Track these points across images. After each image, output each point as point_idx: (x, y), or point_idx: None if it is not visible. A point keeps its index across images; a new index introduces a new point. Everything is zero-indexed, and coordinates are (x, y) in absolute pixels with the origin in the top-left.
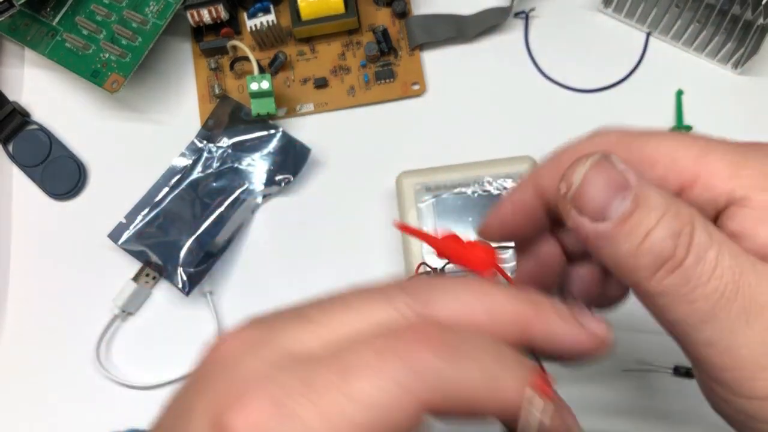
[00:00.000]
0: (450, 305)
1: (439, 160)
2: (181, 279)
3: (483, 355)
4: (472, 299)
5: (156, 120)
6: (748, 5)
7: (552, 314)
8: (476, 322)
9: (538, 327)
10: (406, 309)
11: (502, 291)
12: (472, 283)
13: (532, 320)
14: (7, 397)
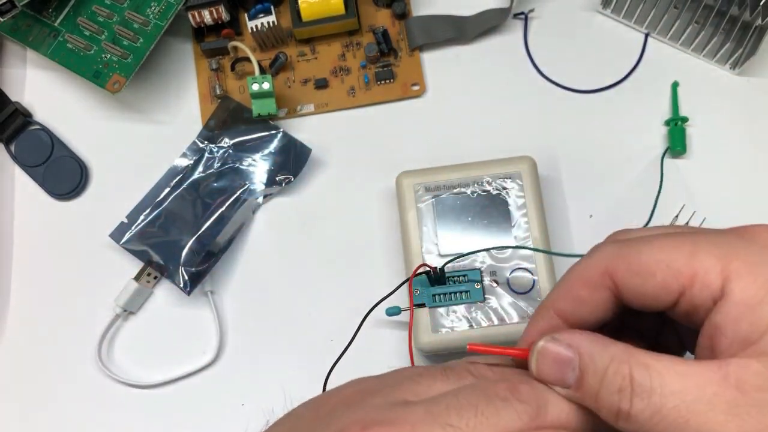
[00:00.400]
0: (562, 415)
1: (439, 160)
2: (183, 278)
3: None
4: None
5: (157, 120)
6: (747, 6)
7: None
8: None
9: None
10: (528, 419)
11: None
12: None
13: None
14: (8, 396)
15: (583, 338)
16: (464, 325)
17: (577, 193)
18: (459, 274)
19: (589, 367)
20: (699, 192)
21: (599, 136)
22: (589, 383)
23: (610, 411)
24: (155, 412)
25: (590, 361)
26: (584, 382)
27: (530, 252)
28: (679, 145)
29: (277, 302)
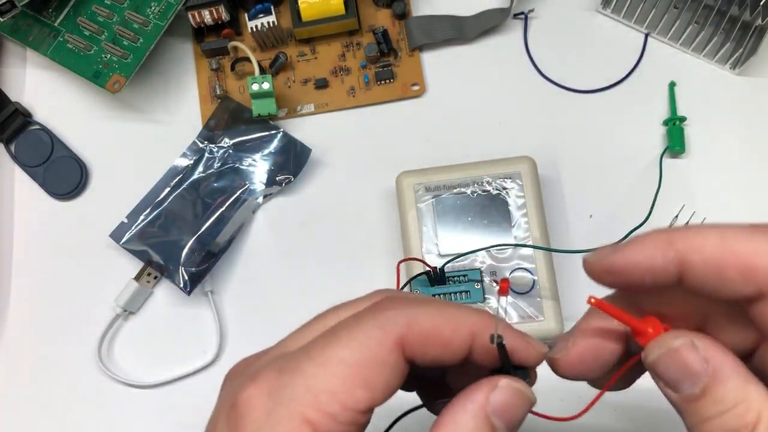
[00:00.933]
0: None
1: (438, 160)
2: (183, 278)
3: (440, 303)
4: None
5: (157, 120)
6: (747, 6)
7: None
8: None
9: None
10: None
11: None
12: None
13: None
14: (9, 395)
15: (725, 360)
16: None
17: (577, 193)
18: (459, 274)
19: (715, 394)
20: (699, 192)
21: (599, 136)
22: (705, 407)
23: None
24: (155, 412)
25: (720, 389)
26: (700, 403)
27: (530, 252)
28: (678, 145)
29: (277, 302)
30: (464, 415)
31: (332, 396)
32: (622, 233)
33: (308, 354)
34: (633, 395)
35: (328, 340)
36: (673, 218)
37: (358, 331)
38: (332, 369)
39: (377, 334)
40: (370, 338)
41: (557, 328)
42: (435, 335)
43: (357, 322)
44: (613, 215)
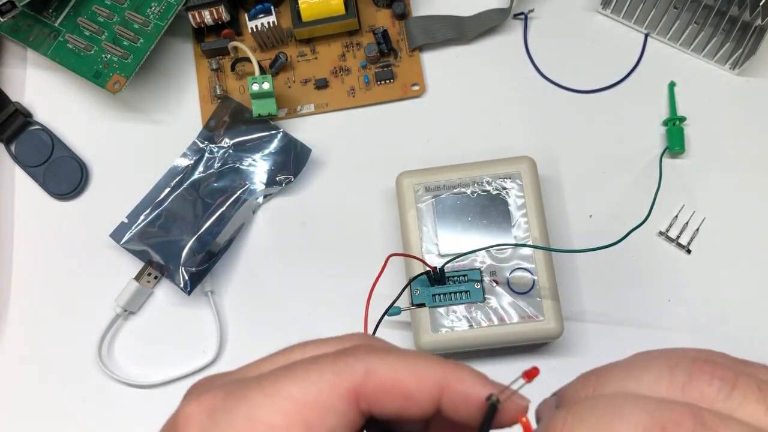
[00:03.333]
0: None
1: (438, 160)
2: (183, 278)
3: (406, 354)
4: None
5: (157, 120)
6: (746, 6)
7: (469, 372)
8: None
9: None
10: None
11: (427, 358)
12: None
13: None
14: (9, 395)
15: None
16: (464, 324)
17: (577, 193)
18: (459, 274)
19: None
20: (698, 192)
21: (599, 136)
22: None
23: None
24: (155, 412)
25: None
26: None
27: (530, 252)
28: (678, 145)
29: (277, 302)
30: None
31: (269, 429)
32: (622, 233)
33: (260, 383)
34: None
35: (283, 373)
36: (673, 218)
37: (313, 371)
38: (278, 403)
39: (331, 378)
40: (322, 380)
41: (557, 327)
42: (395, 387)
43: (315, 363)
44: (613, 215)
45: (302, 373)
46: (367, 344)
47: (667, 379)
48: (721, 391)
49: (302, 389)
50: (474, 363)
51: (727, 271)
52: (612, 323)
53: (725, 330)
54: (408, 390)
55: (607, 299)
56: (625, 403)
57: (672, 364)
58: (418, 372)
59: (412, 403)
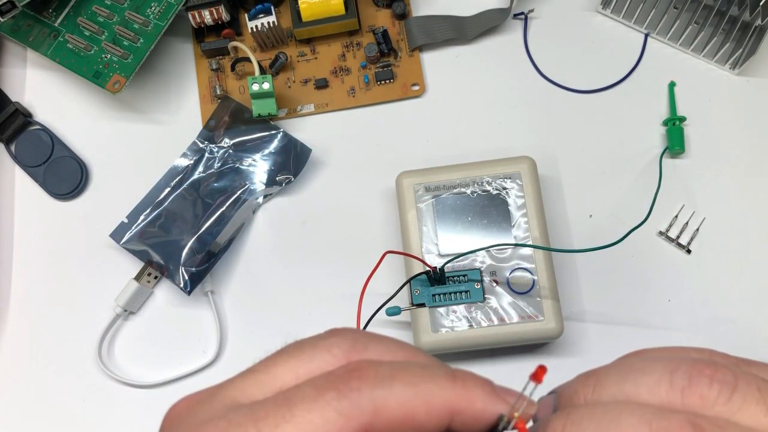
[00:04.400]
0: (381, 353)
1: (438, 160)
2: (183, 278)
3: (412, 377)
4: (395, 354)
5: (157, 120)
6: (746, 6)
7: (478, 390)
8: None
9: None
10: (342, 354)
11: (431, 369)
12: (404, 344)
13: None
14: (9, 395)
15: None
16: (464, 324)
17: (577, 193)
18: (459, 274)
19: None
20: (698, 192)
21: (599, 136)
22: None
23: None
24: (155, 412)
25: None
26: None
27: (530, 252)
28: (678, 145)
29: (277, 302)
30: None
31: None
32: (621, 233)
33: (258, 427)
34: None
35: (283, 416)
36: (673, 218)
37: (316, 413)
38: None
39: (338, 420)
40: (328, 423)
41: (557, 327)
42: (405, 421)
43: (316, 400)
44: (613, 215)
45: (304, 415)
46: (369, 366)
47: (667, 383)
48: (721, 394)
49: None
50: (474, 363)
51: (727, 271)
52: (612, 323)
53: (725, 330)
54: (419, 422)
55: (607, 299)
56: (623, 412)
57: (671, 368)
58: (427, 401)
59: (423, 430)
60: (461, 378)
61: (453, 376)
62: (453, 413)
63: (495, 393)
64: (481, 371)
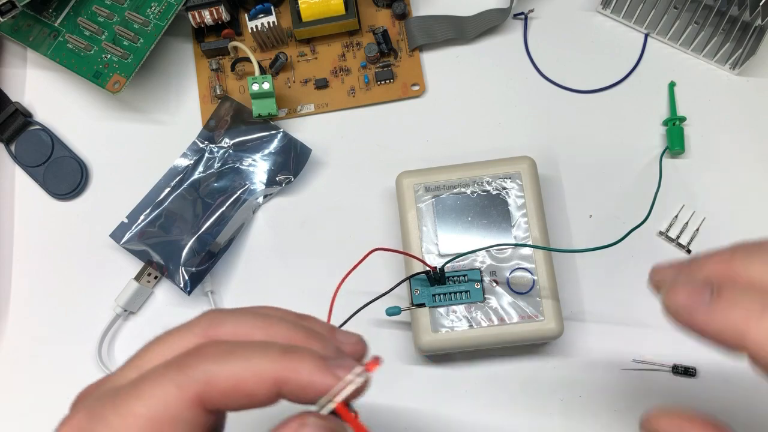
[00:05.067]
0: (231, 329)
1: (438, 160)
2: (183, 278)
3: (246, 353)
4: (251, 326)
5: (157, 120)
6: (746, 6)
7: (307, 363)
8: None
9: (292, 376)
10: (201, 332)
11: (278, 323)
12: (257, 312)
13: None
14: (9, 396)
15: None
16: (464, 324)
17: (577, 193)
18: (459, 274)
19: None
20: (698, 192)
21: (599, 136)
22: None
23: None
24: None
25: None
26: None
27: (530, 252)
28: (678, 145)
29: (277, 302)
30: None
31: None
32: (621, 233)
33: (115, 403)
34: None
35: (134, 391)
36: (673, 218)
37: (158, 387)
38: (130, 422)
39: (174, 392)
40: (167, 395)
41: (557, 327)
42: (235, 389)
43: (160, 377)
44: (613, 215)
45: (149, 389)
46: (211, 346)
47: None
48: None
49: (150, 407)
50: (474, 363)
51: None
52: (612, 323)
53: None
54: (248, 390)
55: (607, 299)
56: None
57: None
58: (256, 372)
59: (254, 399)
60: (292, 352)
61: (285, 351)
62: (279, 383)
63: (326, 367)
64: (481, 371)
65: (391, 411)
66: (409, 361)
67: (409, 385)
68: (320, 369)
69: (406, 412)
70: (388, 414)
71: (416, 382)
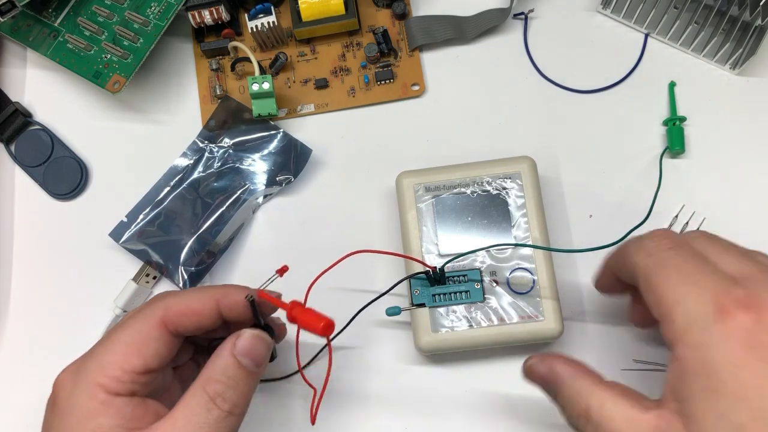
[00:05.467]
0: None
1: (438, 160)
2: (182, 278)
3: (193, 290)
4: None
5: (157, 120)
6: (747, 6)
7: (236, 287)
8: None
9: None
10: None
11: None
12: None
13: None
14: (8, 397)
15: (563, 367)
16: (464, 324)
17: (577, 193)
18: (459, 274)
19: (562, 390)
20: (698, 192)
21: (599, 136)
22: (562, 399)
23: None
24: None
25: (563, 387)
26: (559, 397)
27: (530, 252)
28: (678, 145)
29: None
30: (218, 358)
31: (114, 365)
32: (622, 233)
33: (100, 342)
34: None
35: (113, 330)
36: (673, 218)
37: (132, 320)
38: (115, 348)
39: (144, 319)
40: (139, 322)
41: (557, 327)
42: (188, 310)
43: (133, 314)
44: (613, 215)
45: (125, 323)
46: (164, 293)
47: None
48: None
49: (126, 333)
50: (474, 363)
51: None
52: (612, 323)
53: None
54: (196, 309)
55: (607, 299)
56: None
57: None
58: (200, 298)
59: (202, 317)
60: (225, 285)
61: (219, 285)
62: (218, 301)
63: (246, 287)
64: (481, 371)
65: (391, 411)
66: (409, 361)
67: (409, 385)
68: (243, 289)
69: (406, 412)
70: (388, 414)
71: (416, 382)
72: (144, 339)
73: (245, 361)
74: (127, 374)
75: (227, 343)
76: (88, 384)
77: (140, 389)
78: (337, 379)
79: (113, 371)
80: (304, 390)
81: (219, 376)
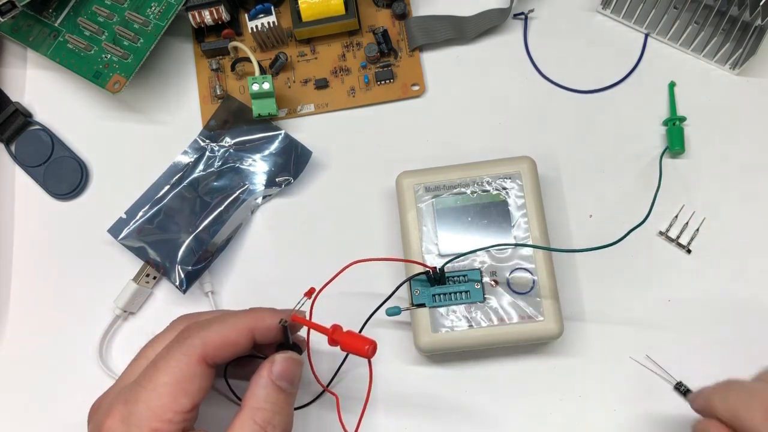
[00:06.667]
0: (201, 317)
1: (438, 160)
2: (179, 276)
3: (222, 319)
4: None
5: (158, 120)
6: (747, 6)
7: (266, 312)
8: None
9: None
10: (179, 327)
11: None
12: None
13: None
14: (9, 396)
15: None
16: (464, 324)
17: (577, 193)
18: (459, 274)
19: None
20: (698, 192)
21: (599, 136)
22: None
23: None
24: None
25: None
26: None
27: (530, 252)
28: (678, 145)
29: (276, 303)
30: (258, 387)
31: (165, 408)
32: (621, 233)
33: (141, 385)
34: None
35: (152, 370)
36: (673, 218)
37: (170, 359)
38: (159, 390)
39: (184, 358)
40: (179, 362)
41: (557, 328)
42: (225, 343)
43: (168, 352)
44: (613, 215)
45: (164, 364)
46: (193, 323)
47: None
48: None
49: (169, 375)
50: (474, 363)
51: (727, 271)
52: (612, 323)
53: (725, 330)
54: (233, 340)
55: (607, 299)
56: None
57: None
58: (234, 328)
59: (238, 347)
60: (254, 309)
61: (249, 310)
62: (252, 329)
63: (277, 311)
64: (481, 371)
65: (391, 411)
66: (409, 361)
67: (408, 385)
68: (276, 312)
69: (406, 412)
70: (388, 414)
71: (416, 382)
72: (187, 377)
73: (283, 384)
74: (179, 415)
75: (264, 371)
76: (141, 430)
77: (189, 425)
78: (337, 378)
79: (165, 414)
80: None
81: (263, 404)
